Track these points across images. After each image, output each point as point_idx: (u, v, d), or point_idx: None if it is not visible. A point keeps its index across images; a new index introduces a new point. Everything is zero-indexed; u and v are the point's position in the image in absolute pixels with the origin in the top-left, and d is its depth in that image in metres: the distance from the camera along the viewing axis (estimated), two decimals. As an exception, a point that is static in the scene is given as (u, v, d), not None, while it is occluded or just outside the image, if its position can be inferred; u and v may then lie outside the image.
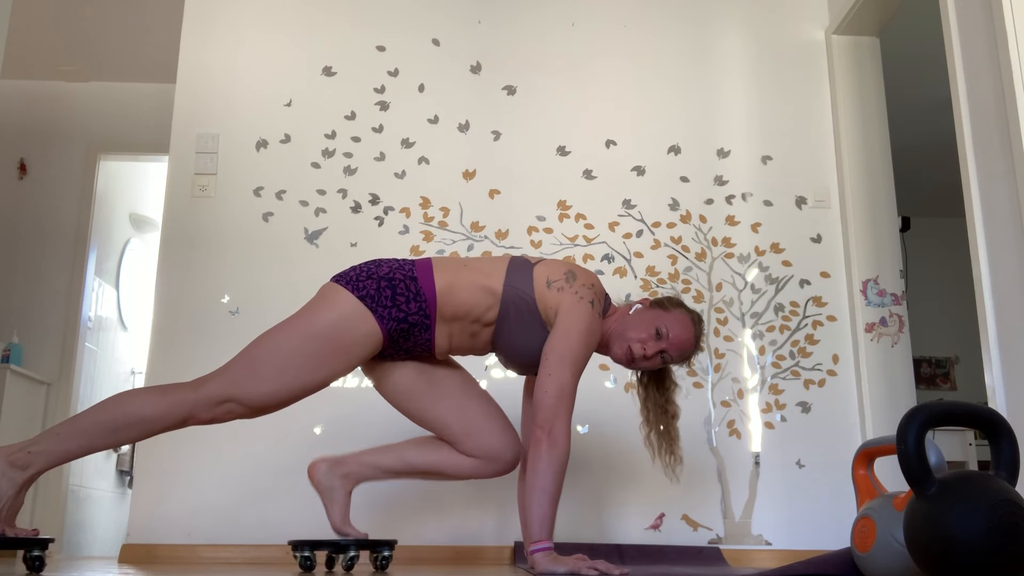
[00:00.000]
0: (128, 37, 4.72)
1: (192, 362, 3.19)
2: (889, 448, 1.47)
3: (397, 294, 2.01)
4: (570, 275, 2.06)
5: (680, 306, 2.16)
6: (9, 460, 1.88)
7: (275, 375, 1.98)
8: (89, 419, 1.92)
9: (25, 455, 1.89)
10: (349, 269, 2.09)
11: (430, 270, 2.06)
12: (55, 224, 5.02)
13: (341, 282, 2.04)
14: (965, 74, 2.66)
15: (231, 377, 1.98)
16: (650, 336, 2.10)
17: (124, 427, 1.92)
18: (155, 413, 1.92)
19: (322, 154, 3.40)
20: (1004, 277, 2.47)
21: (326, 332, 1.99)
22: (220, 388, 1.96)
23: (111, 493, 5.63)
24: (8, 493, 1.87)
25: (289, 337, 2.00)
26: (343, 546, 2.23)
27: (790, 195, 3.45)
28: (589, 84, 3.51)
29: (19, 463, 1.88)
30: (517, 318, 2.05)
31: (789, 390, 3.27)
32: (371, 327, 2.00)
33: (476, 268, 2.09)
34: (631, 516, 3.12)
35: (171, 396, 1.95)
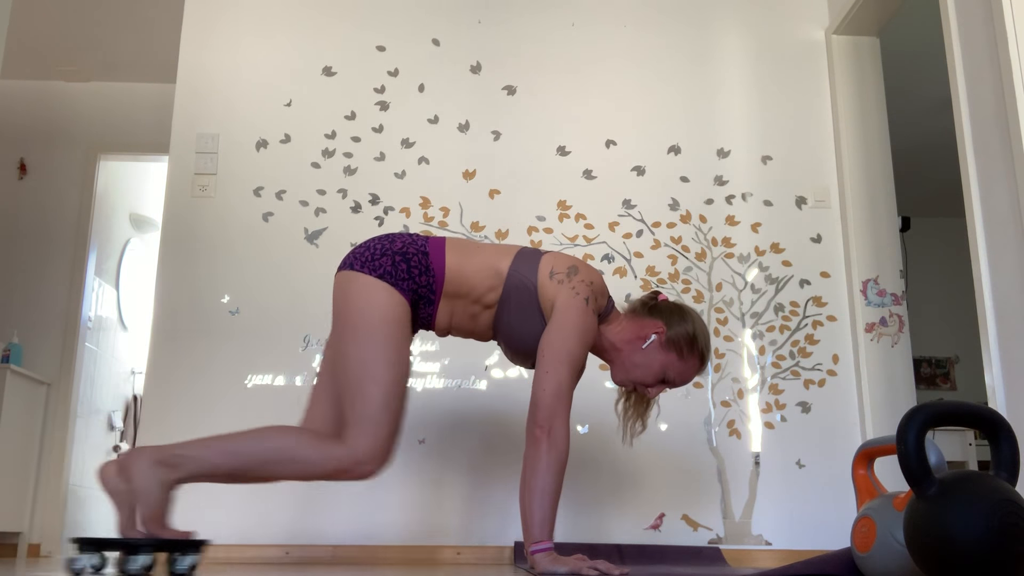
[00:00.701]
0: (128, 37, 4.72)
1: (192, 362, 3.19)
2: (889, 448, 1.47)
3: (412, 267, 2.01)
4: (572, 269, 2.06)
5: (695, 350, 2.09)
6: (156, 458, 1.86)
7: (381, 387, 1.93)
8: (243, 441, 1.90)
9: (173, 455, 1.87)
10: (363, 248, 2.05)
11: (443, 248, 2.07)
12: (55, 224, 5.02)
13: (356, 266, 2.01)
14: (965, 74, 2.66)
15: (360, 419, 1.90)
16: (655, 381, 2.11)
17: (276, 462, 1.89)
18: (309, 457, 1.88)
19: (322, 154, 3.40)
20: (1004, 277, 2.47)
21: (380, 319, 1.97)
22: (362, 434, 1.90)
23: (111, 493, 5.62)
24: (155, 493, 1.84)
25: (365, 350, 1.95)
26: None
27: (790, 195, 3.45)
28: (589, 84, 3.51)
29: (168, 463, 1.86)
30: (517, 304, 2.05)
31: (789, 390, 3.27)
32: (400, 299, 2.00)
33: (488, 251, 2.10)
34: (631, 516, 3.12)
35: (325, 447, 1.90)
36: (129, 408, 5.86)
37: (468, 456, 3.15)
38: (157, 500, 1.83)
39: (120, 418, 5.70)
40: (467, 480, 3.12)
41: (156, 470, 1.84)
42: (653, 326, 2.10)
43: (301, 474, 1.91)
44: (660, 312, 2.12)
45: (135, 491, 1.83)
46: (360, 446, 1.89)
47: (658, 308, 2.14)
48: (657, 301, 2.16)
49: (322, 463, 1.89)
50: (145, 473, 1.84)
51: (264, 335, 3.21)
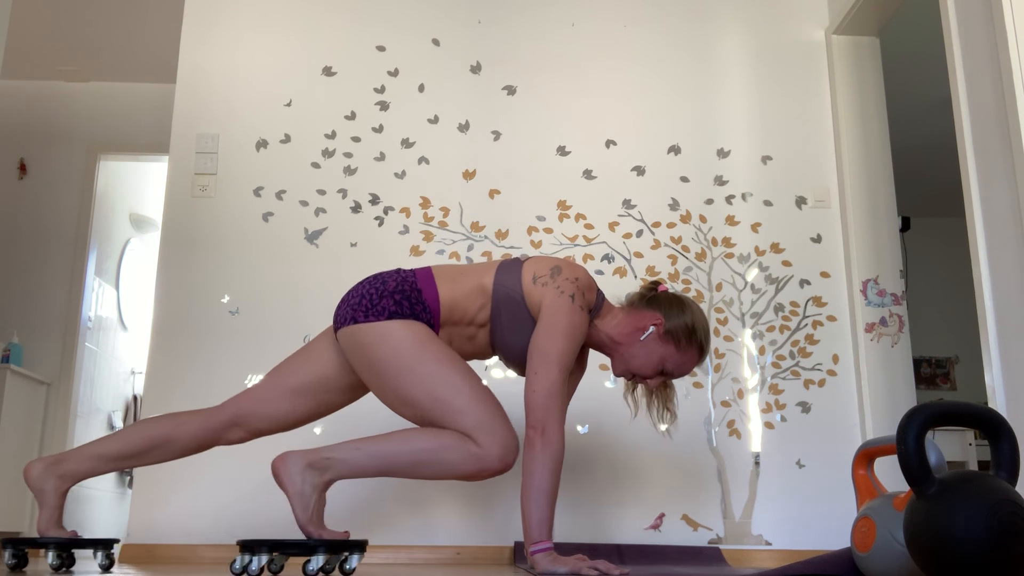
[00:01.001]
0: (128, 37, 4.72)
1: (192, 362, 3.19)
2: (889, 448, 1.47)
3: (413, 304, 2.03)
4: (555, 270, 2.06)
5: (694, 341, 2.10)
6: (307, 462, 1.93)
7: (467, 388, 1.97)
8: (391, 443, 1.95)
9: (323, 459, 1.94)
10: (358, 298, 2.05)
11: (432, 279, 2.07)
12: (55, 224, 5.03)
13: (360, 318, 2.01)
14: (965, 74, 2.66)
15: (477, 424, 1.95)
16: (654, 372, 2.12)
17: (424, 458, 1.94)
18: (455, 459, 1.93)
19: (322, 154, 3.40)
20: (1004, 277, 2.47)
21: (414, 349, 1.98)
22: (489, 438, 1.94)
23: (111, 493, 5.63)
24: (311, 495, 1.92)
25: (424, 380, 1.97)
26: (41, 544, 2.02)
27: (790, 195, 3.45)
28: (589, 84, 3.51)
29: (318, 465, 1.93)
30: (508, 316, 2.06)
31: (789, 390, 3.27)
32: (416, 323, 2.01)
33: (471, 273, 2.11)
34: (631, 516, 3.12)
35: (468, 446, 1.94)
36: (129, 408, 5.86)
37: (468, 456, 3.15)
38: (312, 502, 1.92)
39: (120, 418, 5.70)
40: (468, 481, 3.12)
41: (308, 473, 1.93)
42: (651, 317, 2.10)
43: (445, 475, 1.96)
44: (659, 303, 2.12)
45: (289, 495, 1.92)
46: (493, 448, 1.93)
47: (656, 299, 2.13)
48: (656, 292, 2.16)
49: (463, 464, 1.93)
50: (297, 477, 1.92)
51: (264, 335, 3.21)
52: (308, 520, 1.91)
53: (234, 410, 2.17)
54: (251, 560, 1.84)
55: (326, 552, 1.87)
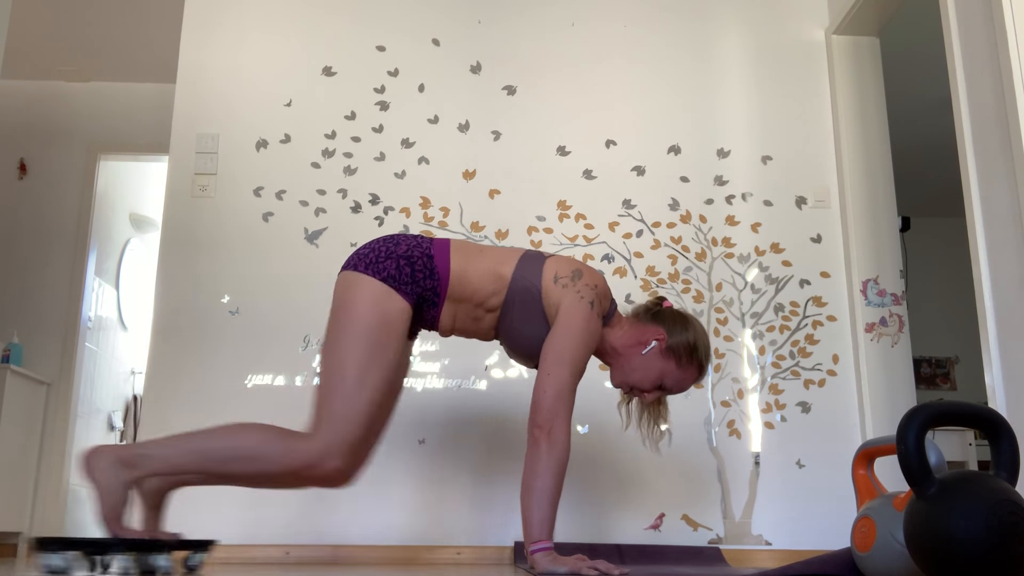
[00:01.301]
0: (128, 37, 4.72)
1: (192, 362, 3.19)
2: (889, 448, 1.47)
3: (416, 270, 2.01)
4: (576, 273, 2.06)
5: (694, 359, 2.10)
6: (117, 456, 1.86)
7: (358, 387, 1.91)
8: (205, 439, 1.88)
9: (134, 455, 1.87)
10: (367, 249, 2.05)
11: (447, 250, 2.06)
12: (55, 224, 5.03)
13: (360, 267, 2.01)
14: (965, 74, 2.66)
15: (329, 414, 1.89)
16: (653, 387, 2.12)
17: (239, 459, 1.86)
18: (273, 453, 1.85)
19: (322, 154, 3.40)
20: (1004, 277, 2.47)
21: (372, 322, 1.96)
22: (330, 430, 1.87)
23: (111, 493, 5.62)
24: (117, 493, 1.84)
25: (348, 349, 1.94)
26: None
27: (790, 195, 3.45)
28: (589, 84, 3.51)
29: (128, 461, 1.86)
30: (522, 308, 2.05)
31: (789, 390, 3.27)
32: (401, 304, 2.00)
33: (491, 255, 2.10)
34: (631, 516, 3.12)
35: (289, 441, 1.87)
36: (129, 408, 5.86)
37: (468, 456, 3.15)
38: (117, 499, 1.83)
39: (120, 418, 5.70)
40: (467, 480, 3.12)
41: (117, 469, 1.84)
42: (654, 332, 2.10)
43: (264, 474, 1.88)
44: (663, 319, 2.13)
45: (96, 489, 1.83)
46: (326, 440, 1.86)
47: (661, 315, 2.14)
48: (661, 308, 2.17)
49: (284, 459, 1.86)
50: (106, 471, 1.84)
51: (264, 335, 3.21)
52: (110, 517, 1.83)
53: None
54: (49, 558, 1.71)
55: (121, 551, 1.74)
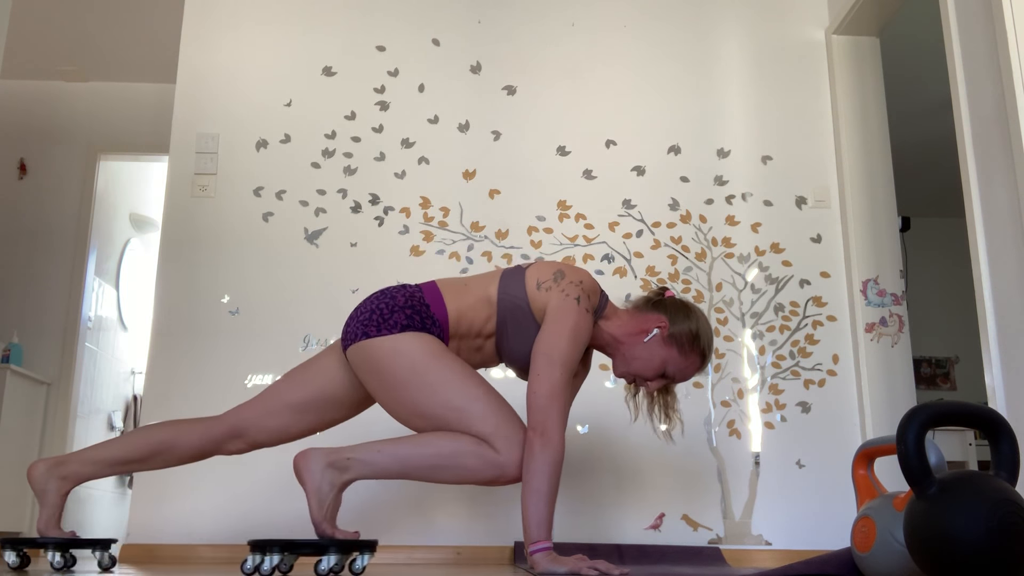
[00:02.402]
0: (128, 37, 4.72)
1: (192, 362, 3.19)
2: (889, 448, 1.47)
3: (424, 319, 2.03)
4: (558, 274, 2.06)
5: (697, 347, 2.10)
6: (328, 461, 1.96)
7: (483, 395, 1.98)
8: (411, 446, 1.96)
9: (344, 459, 1.96)
10: (369, 313, 2.04)
11: (439, 295, 2.08)
12: (55, 224, 5.03)
13: (373, 332, 2.01)
14: (965, 74, 2.66)
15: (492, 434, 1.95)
16: (655, 375, 2.12)
17: (442, 462, 1.94)
18: (473, 465, 1.94)
19: (322, 154, 3.40)
20: (1004, 277, 2.47)
21: (429, 359, 1.98)
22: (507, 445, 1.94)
23: (111, 493, 5.63)
24: (328, 494, 1.94)
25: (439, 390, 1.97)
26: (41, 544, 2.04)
27: (790, 195, 3.45)
28: (589, 84, 3.51)
29: (338, 465, 1.95)
30: (514, 324, 2.07)
31: (789, 390, 3.27)
32: (427, 335, 2.02)
33: (475, 285, 2.12)
34: (631, 516, 3.12)
35: (487, 454, 1.94)
36: (129, 408, 5.86)
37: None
38: (329, 500, 1.94)
39: (120, 418, 5.70)
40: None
41: (328, 472, 1.95)
42: (656, 320, 2.11)
43: (463, 479, 1.97)
44: (664, 307, 2.13)
45: (307, 491, 1.94)
46: (513, 454, 1.94)
47: (663, 303, 2.15)
48: (663, 297, 2.18)
49: (482, 470, 1.94)
50: (318, 475, 1.95)
51: (264, 335, 3.21)
52: (323, 518, 1.93)
53: (235, 422, 2.17)
54: (263, 560, 1.85)
55: (337, 552, 1.87)
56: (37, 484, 2.08)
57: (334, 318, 3.24)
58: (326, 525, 1.93)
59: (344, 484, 1.96)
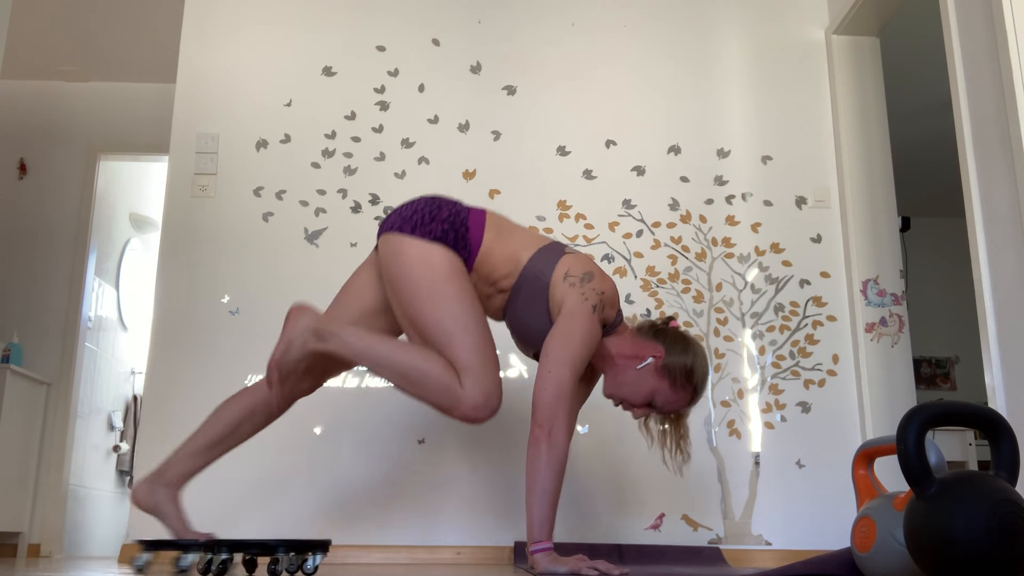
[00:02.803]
0: (128, 37, 4.72)
1: (192, 362, 3.19)
2: (889, 448, 1.47)
3: (458, 237, 2.06)
4: (588, 276, 2.06)
5: (689, 383, 2.09)
6: (315, 326, 2.03)
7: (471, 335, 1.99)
8: (389, 349, 2.00)
9: (328, 331, 2.02)
10: (411, 211, 2.08)
11: (483, 224, 2.11)
12: (55, 224, 5.03)
13: (406, 229, 2.05)
14: (965, 74, 2.66)
15: (465, 368, 1.96)
16: (642, 403, 2.11)
17: (409, 375, 1.98)
18: (437, 389, 1.96)
19: (322, 154, 3.40)
20: (1004, 277, 2.47)
21: (441, 276, 2.02)
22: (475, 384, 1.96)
23: (111, 493, 5.63)
24: (297, 351, 2.02)
25: (437, 307, 2.00)
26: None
27: (790, 195, 3.45)
28: (589, 84, 3.51)
29: (320, 333, 2.02)
30: (528, 295, 2.08)
31: (789, 390, 3.27)
32: (455, 256, 2.05)
33: (518, 237, 2.13)
34: (631, 516, 3.12)
35: (452, 386, 1.97)
36: (129, 408, 5.86)
37: (468, 456, 3.15)
38: (294, 358, 2.02)
39: (120, 418, 5.70)
40: (467, 480, 3.12)
41: (307, 334, 2.02)
42: (653, 348, 2.10)
43: (422, 397, 2.00)
44: (664, 337, 2.12)
45: (282, 338, 2.03)
46: (473, 394, 1.95)
47: (664, 333, 2.13)
48: (667, 327, 2.16)
49: (441, 395, 1.96)
50: (298, 330, 2.03)
51: (264, 335, 3.21)
52: (276, 364, 2.02)
53: None
54: (210, 559, 1.83)
55: (288, 551, 1.85)
56: (146, 504, 2.12)
57: (334, 318, 3.23)
58: (275, 373, 2.02)
59: (314, 351, 2.02)
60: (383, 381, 3.20)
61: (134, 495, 2.13)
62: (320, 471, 3.11)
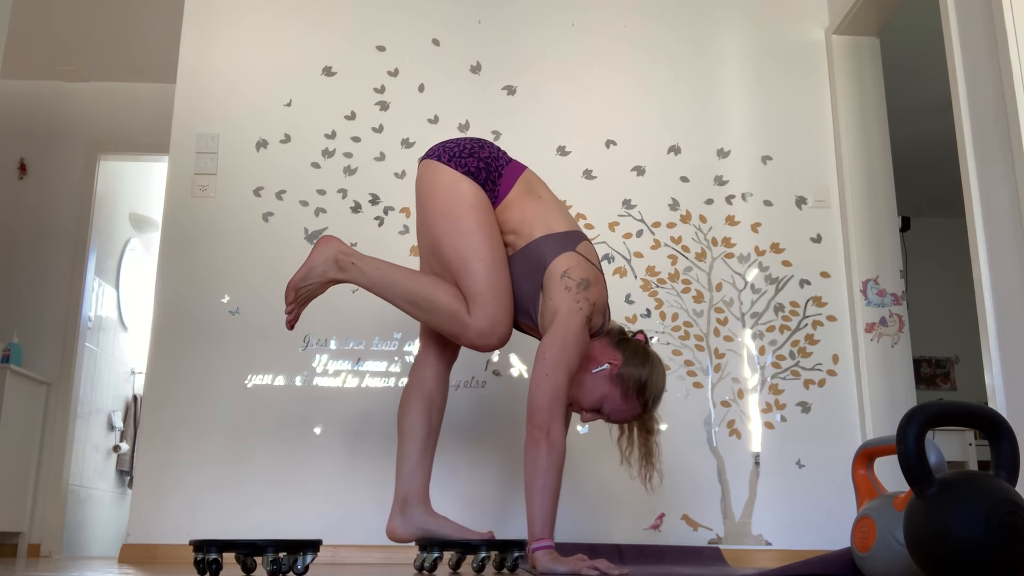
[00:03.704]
0: (128, 37, 4.72)
1: (192, 362, 3.19)
2: (889, 448, 1.47)
3: (489, 178, 2.15)
4: (584, 283, 2.07)
5: (640, 396, 2.09)
6: (336, 256, 2.17)
7: (487, 264, 2.09)
8: (403, 278, 2.14)
9: (349, 262, 2.17)
10: (454, 144, 2.18)
11: (515, 177, 2.19)
12: (55, 224, 5.03)
13: (444, 159, 2.15)
14: (965, 74, 2.66)
15: (477, 296, 2.06)
16: (590, 407, 2.12)
17: (420, 303, 2.11)
18: (448, 315, 2.08)
19: (322, 154, 3.40)
20: (1004, 277, 2.47)
21: (468, 207, 2.11)
22: (484, 312, 2.06)
23: (111, 493, 5.63)
24: (316, 279, 2.18)
25: (459, 233, 2.10)
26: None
27: (790, 195, 3.45)
28: (589, 84, 3.51)
29: (341, 263, 2.17)
30: (524, 266, 2.13)
31: (789, 390, 3.27)
32: (482, 192, 2.14)
33: (543, 209, 2.18)
34: (631, 516, 3.12)
35: (461, 312, 2.08)
36: (129, 408, 5.86)
37: (467, 456, 3.15)
38: (315, 283, 2.18)
39: (120, 418, 5.70)
40: (466, 480, 3.12)
41: (328, 264, 2.17)
42: (611, 355, 2.11)
43: (432, 324, 2.14)
44: (626, 347, 2.12)
45: (306, 264, 2.17)
46: (480, 322, 2.06)
47: (626, 343, 2.14)
48: (630, 337, 2.17)
49: (451, 323, 2.09)
50: (320, 259, 2.17)
51: (264, 335, 3.21)
52: (295, 287, 2.16)
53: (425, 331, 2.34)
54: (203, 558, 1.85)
55: (277, 550, 1.85)
56: (411, 534, 2.24)
57: (334, 318, 3.24)
58: (292, 292, 2.16)
59: (333, 281, 2.18)
60: (382, 380, 3.21)
61: (394, 535, 2.22)
62: (320, 471, 3.11)
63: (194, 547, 1.87)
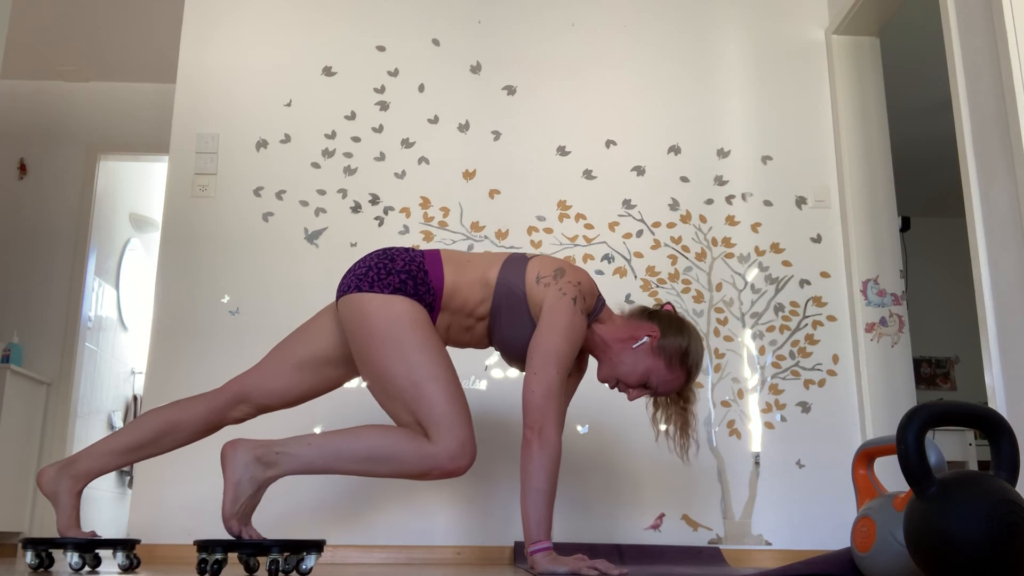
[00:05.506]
0: (128, 37, 4.72)
1: (192, 362, 3.19)
2: (889, 448, 1.47)
3: (417, 284, 2.03)
4: (559, 272, 2.06)
5: (684, 364, 2.09)
6: (256, 454, 1.89)
7: (440, 385, 1.95)
8: (341, 441, 1.93)
9: (273, 453, 1.90)
10: (365, 269, 2.04)
11: (439, 262, 2.08)
12: (55, 224, 5.03)
13: (365, 287, 2.01)
14: (965, 74, 2.66)
15: (438, 420, 1.92)
16: (638, 383, 2.11)
17: (373, 457, 1.92)
18: (407, 456, 1.91)
19: (322, 154, 3.40)
20: (1004, 277, 2.47)
21: (405, 326, 1.97)
22: (448, 435, 1.91)
23: (111, 493, 5.63)
24: (247, 489, 1.89)
25: (404, 360, 1.95)
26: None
27: (790, 195, 3.45)
28: (589, 84, 3.51)
29: (265, 459, 1.90)
30: (508, 312, 2.06)
31: (789, 390, 3.27)
32: (418, 306, 2.02)
33: (478, 263, 2.11)
34: (631, 516, 3.12)
35: (420, 445, 1.92)
36: (129, 408, 5.86)
37: (468, 456, 3.15)
38: (246, 498, 1.88)
39: (120, 418, 5.70)
40: (467, 480, 3.12)
41: (253, 466, 1.89)
42: (648, 329, 2.10)
43: (395, 472, 1.93)
44: (659, 318, 2.13)
45: (226, 483, 1.87)
46: (448, 445, 1.90)
47: (658, 314, 2.15)
48: (661, 309, 2.17)
49: (417, 462, 1.90)
50: (240, 467, 1.88)
51: (264, 335, 3.21)
52: (233, 514, 1.87)
53: (237, 388, 2.17)
54: (206, 559, 1.83)
55: (282, 551, 1.83)
56: (48, 488, 2.07)
57: (334, 318, 3.23)
58: (234, 522, 1.87)
59: (267, 481, 1.90)
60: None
61: (40, 477, 2.09)
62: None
63: (199, 547, 1.84)
